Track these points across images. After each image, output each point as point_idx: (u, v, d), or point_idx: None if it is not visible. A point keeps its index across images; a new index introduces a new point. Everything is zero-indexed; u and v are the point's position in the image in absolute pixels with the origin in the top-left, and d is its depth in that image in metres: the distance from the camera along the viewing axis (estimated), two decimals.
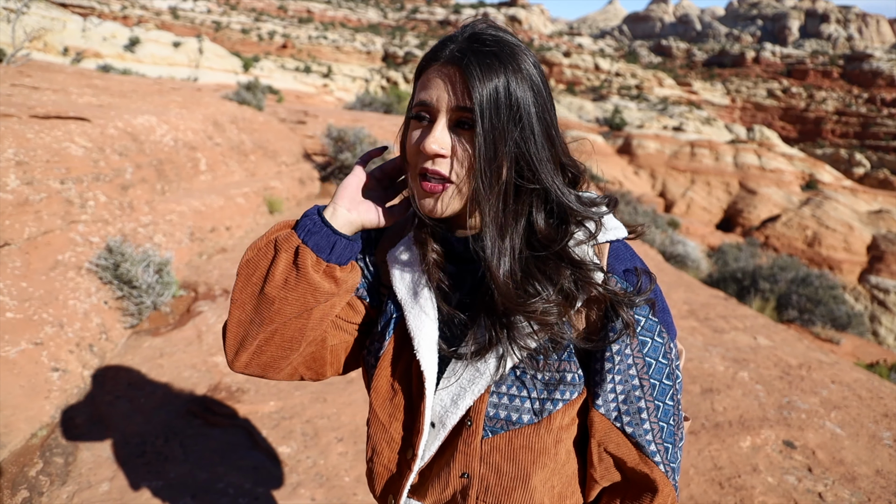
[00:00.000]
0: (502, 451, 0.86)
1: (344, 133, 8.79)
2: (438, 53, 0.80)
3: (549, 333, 0.81)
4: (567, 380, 0.85)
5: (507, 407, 0.85)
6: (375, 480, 0.97)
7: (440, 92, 0.78)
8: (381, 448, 0.95)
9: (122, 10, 78.77)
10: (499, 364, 0.82)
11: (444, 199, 0.80)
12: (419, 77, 0.83)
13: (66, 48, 27.11)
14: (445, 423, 0.87)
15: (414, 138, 0.81)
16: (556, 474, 0.90)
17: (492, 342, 0.82)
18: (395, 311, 0.93)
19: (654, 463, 0.86)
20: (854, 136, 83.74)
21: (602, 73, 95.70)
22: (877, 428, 3.09)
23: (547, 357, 0.83)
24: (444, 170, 0.78)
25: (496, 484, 0.87)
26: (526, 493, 0.88)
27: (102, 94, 6.67)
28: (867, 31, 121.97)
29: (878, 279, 29.23)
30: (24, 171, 3.68)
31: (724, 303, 5.60)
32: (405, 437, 0.93)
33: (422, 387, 0.88)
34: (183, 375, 3.29)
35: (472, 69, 0.75)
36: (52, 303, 3.28)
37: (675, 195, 37.95)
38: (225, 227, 5.64)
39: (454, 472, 0.89)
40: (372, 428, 0.95)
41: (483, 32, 0.80)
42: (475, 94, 0.75)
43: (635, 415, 0.85)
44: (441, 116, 0.78)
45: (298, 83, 43.67)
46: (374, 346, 0.95)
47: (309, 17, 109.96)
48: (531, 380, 0.84)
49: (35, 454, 2.58)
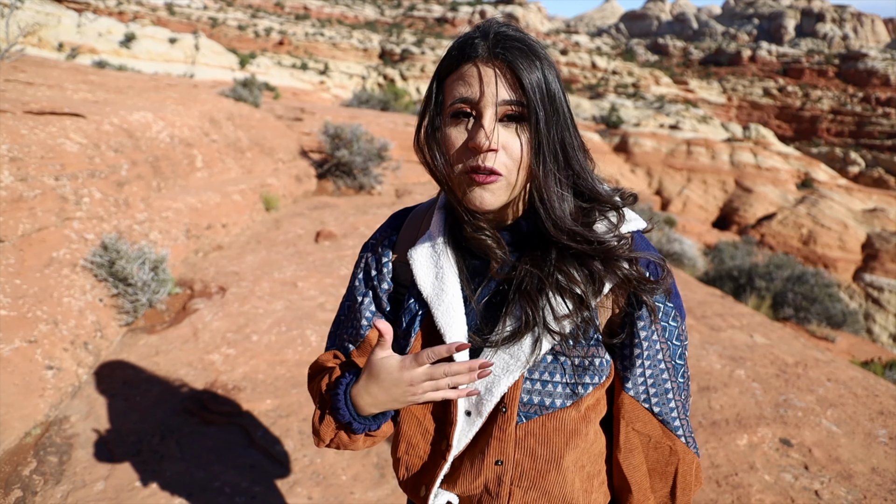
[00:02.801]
0: (536, 436, 0.89)
1: (341, 130, 8.76)
2: (470, 52, 0.80)
3: (581, 315, 0.85)
4: (596, 364, 0.88)
5: (541, 392, 0.88)
6: (409, 472, 0.99)
7: (485, 87, 0.78)
8: (417, 440, 0.97)
9: (117, 5, 78.32)
10: (534, 348, 0.85)
11: (496, 192, 0.81)
12: (446, 77, 0.83)
13: (61, 44, 26.94)
14: (481, 410, 0.89)
15: (454, 136, 0.82)
16: (586, 454, 0.95)
17: (528, 324, 0.84)
18: (420, 308, 0.94)
19: (676, 437, 0.93)
20: (849, 135, 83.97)
21: (599, 71, 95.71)
22: (872, 426, 3.10)
23: (577, 341, 0.86)
24: (495, 164, 0.79)
25: (530, 468, 0.90)
26: (559, 475, 0.91)
27: (98, 90, 6.63)
28: (862, 31, 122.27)
29: (873, 277, 29.36)
30: (18, 167, 3.65)
31: (721, 301, 5.61)
32: (438, 427, 0.95)
33: None
34: (179, 373, 3.27)
35: (518, 62, 0.78)
36: (47, 300, 3.26)
37: (671, 193, 37.99)
38: (221, 224, 5.61)
39: (488, 459, 0.90)
40: (405, 423, 0.97)
41: (508, 31, 0.81)
42: (526, 85, 0.78)
43: (662, 395, 0.92)
44: (488, 110, 0.79)
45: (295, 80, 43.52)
46: (399, 343, 0.96)
47: (306, 13, 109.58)
48: (562, 365, 0.87)
49: (29, 453, 2.56)
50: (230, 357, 3.46)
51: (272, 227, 6.28)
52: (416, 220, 1.03)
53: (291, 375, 3.30)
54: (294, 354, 3.52)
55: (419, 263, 0.93)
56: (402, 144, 10.83)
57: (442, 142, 0.84)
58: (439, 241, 0.94)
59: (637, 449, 0.93)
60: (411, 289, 0.97)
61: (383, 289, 1.01)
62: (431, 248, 0.94)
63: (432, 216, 0.99)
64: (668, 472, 0.94)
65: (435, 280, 0.92)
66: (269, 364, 3.41)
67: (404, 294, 1.00)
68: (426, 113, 0.86)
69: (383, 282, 1.01)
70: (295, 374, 3.32)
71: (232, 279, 4.59)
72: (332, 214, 6.93)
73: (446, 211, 0.96)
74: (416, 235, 1.00)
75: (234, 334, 3.72)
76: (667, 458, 0.93)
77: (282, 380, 3.26)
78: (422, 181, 9.82)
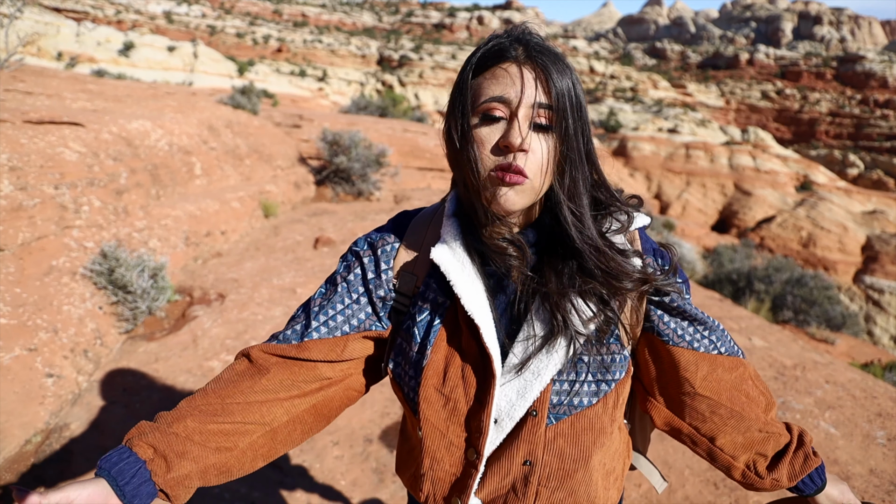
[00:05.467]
0: (566, 436, 0.89)
1: (339, 137, 8.79)
2: (504, 53, 0.81)
3: (605, 315, 0.87)
4: (617, 361, 0.90)
5: (569, 392, 0.88)
6: (436, 488, 0.96)
7: (519, 88, 0.79)
8: (441, 455, 0.93)
9: (116, 14, 78.65)
10: (567, 351, 0.85)
11: (521, 193, 0.82)
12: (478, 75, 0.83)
13: (60, 53, 27.03)
14: (513, 415, 0.88)
15: (485, 135, 0.81)
16: (608, 451, 0.96)
17: (559, 329, 0.85)
18: (437, 315, 0.92)
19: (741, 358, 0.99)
20: (848, 138, 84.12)
21: (597, 76, 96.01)
22: (870, 427, 3.10)
23: (602, 341, 0.88)
24: (524, 164, 0.80)
25: (558, 468, 0.90)
26: (586, 474, 0.92)
27: (97, 99, 6.66)
28: (860, 33, 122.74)
29: (873, 279, 29.36)
30: (17, 176, 3.67)
31: (720, 304, 5.62)
32: (466, 438, 0.92)
33: (484, 384, 0.89)
34: (179, 380, 3.28)
35: (551, 68, 0.79)
36: (47, 308, 3.27)
37: (670, 197, 38.06)
38: (220, 231, 5.63)
39: (517, 460, 0.90)
40: (428, 438, 0.93)
41: (539, 39, 0.83)
42: (557, 91, 0.79)
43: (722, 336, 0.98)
44: (521, 111, 0.79)
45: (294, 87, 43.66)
46: (412, 356, 0.93)
47: (304, 20, 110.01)
48: (587, 364, 0.88)
49: (29, 460, 2.57)
50: (229, 364, 3.46)
51: (271, 233, 6.29)
52: (421, 229, 1.00)
53: None
54: None
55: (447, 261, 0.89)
56: (401, 150, 10.86)
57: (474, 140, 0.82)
58: (457, 247, 0.91)
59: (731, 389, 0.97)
60: (420, 298, 0.94)
61: (379, 295, 0.96)
62: (452, 253, 0.90)
63: (440, 224, 0.97)
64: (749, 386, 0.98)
65: (468, 283, 0.89)
66: None
67: (406, 304, 0.97)
68: (456, 110, 0.84)
69: (380, 288, 0.96)
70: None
71: (231, 286, 4.60)
72: (331, 221, 6.95)
73: (459, 219, 0.94)
74: (421, 243, 0.97)
75: (233, 341, 3.73)
76: (742, 375, 0.98)
77: None
78: (420, 187, 9.85)
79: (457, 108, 0.84)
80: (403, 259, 0.97)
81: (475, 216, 0.88)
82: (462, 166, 0.84)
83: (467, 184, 0.85)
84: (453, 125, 0.85)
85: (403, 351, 0.95)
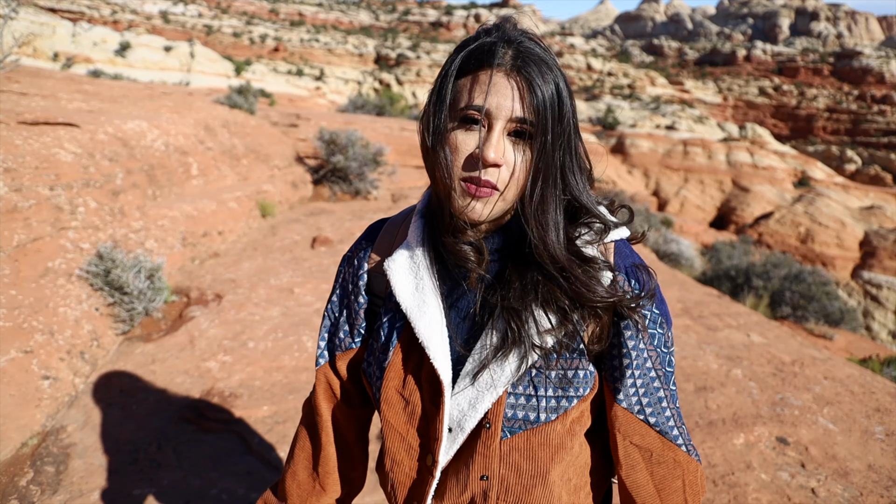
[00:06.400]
0: (521, 451, 0.87)
1: (336, 136, 8.77)
2: (489, 58, 0.78)
3: (565, 329, 0.83)
4: (580, 377, 0.87)
5: (525, 407, 0.86)
6: (397, 490, 0.97)
7: (500, 99, 0.77)
8: (401, 457, 0.94)
9: (112, 14, 78.42)
10: (520, 364, 0.83)
11: (489, 204, 0.80)
12: (460, 77, 0.81)
13: (55, 53, 26.94)
14: (464, 426, 0.87)
15: (461, 141, 0.79)
16: (571, 466, 0.93)
17: (514, 340, 0.82)
18: (398, 321, 0.92)
19: (677, 446, 0.90)
20: (845, 133, 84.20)
21: (594, 73, 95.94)
22: (869, 423, 3.10)
23: (560, 355, 0.85)
24: (495, 179, 0.78)
25: (516, 483, 0.88)
26: (545, 489, 0.89)
27: (93, 100, 6.64)
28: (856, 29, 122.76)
29: (871, 275, 29.39)
30: (12, 177, 3.65)
31: (718, 300, 5.62)
32: (423, 443, 0.93)
33: (437, 394, 0.88)
34: (176, 381, 3.27)
35: (536, 80, 0.77)
36: (43, 310, 3.26)
37: (668, 194, 38.05)
38: (217, 231, 5.62)
39: (473, 474, 0.88)
40: (388, 439, 0.94)
41: (529, 43, 0.80)
42: (538, 103, 0.77)
43: (657, 405, 0.89)
44: (498, 124, 0.77)
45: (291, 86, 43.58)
46: (378, 357, 0.94)
47: (301, 20, 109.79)
48: (546, 379, 0.85)
49: (26, 463, 2.56)
50: (227, 364, 3.46)
51: (268, 233, 6.28)
52: (392, 230, 1.01)
53: (288, 381, 3.30)
54: (291, 360, 3.52)
55: (398, 274, 0.90)
56: (398, 149, 10.85)
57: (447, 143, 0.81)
58: (418, 251, 0.91)
59: (639, 465, 0.90)
60: (387, 301, 0.94)
61: (360, 303, 0.99)
62: (410, 259, 0.91)
63: (409, 225, 0.97)
64: (675, 486, 0.90)
65: (415, 291, 0.89)
66: (265, 371, 3.41)
67: (380, 305, 0.97)
68: (434, 109, 0.82)
69: (359, 295, 0.99)
70: (292, 381, 3.32)
71: (228, 286, 4.59)
72: (329, 220, 6.94)
73: (425, 219, 0.94)
74: (391, 245, 0.98)
75: (230, 341, 3.72)
76: (672, 471, 0.90)
77: (278, 386, 3.26)
78: (418, 185, 9.83)
79: (435, 108, 0.82)
80: (374, 261, 0.99)
81: (440, 217, 0.87)
82: (433, 166, 0.83)
83: (436, 184, 0.84)
84: (429, 123, 0.83)
85: (372, 350, 0.96)
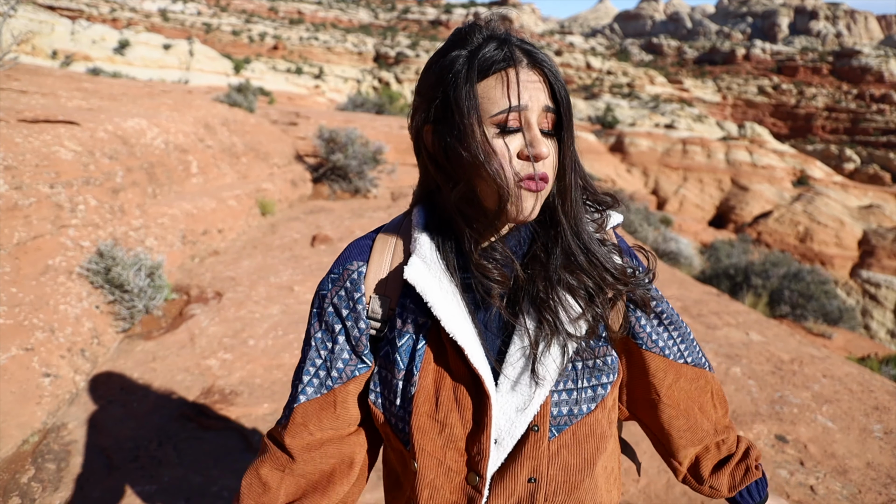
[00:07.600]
0: (570, 447, 0.87)
1: (336, 134, 8.77)
2: (507, 57, 0.77)
3: (593, 312, 0.86)
4: (609, 363, 0.90)
5: (567, 402, 0.86)
6: None
7: (532, 93, 0.78)
8: (441, 483, 0.87)
9: (111, 12, 78.30)
10: (562, 357, 0.83)
11: (541, 198, 0.81)
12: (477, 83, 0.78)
13: (54, 51, 26.92)
14: (514, 434, 0.84)
15: (506, 144, 0.77)
16: (609, 454, 0.94)
17: (551, 331, 0.83)
18: (420, 341, 0.86)
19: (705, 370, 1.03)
20: (844, 132, 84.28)
21: (594, 72, 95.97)
22: (867, 421, 3.11)
23: (590, 340, 0.87)
24: (546, 170, 0.80)
25: (564, 480, 0.87)
26: (592, 481, 0.90)
27: (92, 98, 6.64)
28: (855, 28, 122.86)
29: (870, 273, 29.44)
30: (12, 175, 3.65)
31: (717, 299, 5.62)
32: (467, 461, 0.87)
33: (480, 408, 0.84)
34: (176, 379, 3.28)
35: (554, 73, 0.80)
36: (43, 308, 3.26)
37: (667, 192, 38.09)
38: (217, 229, 5.62)
39: (521, 478, 0.86)
40: (425, 468, 0.86)
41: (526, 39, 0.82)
42: (559, 97, 0.79)
43: (690, 344, 1.01)
44: (533, 119, 0.78)
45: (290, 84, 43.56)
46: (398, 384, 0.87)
47: (300, 18, 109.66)
48: (584, 369, 0.87)
49: (27, 460, 2.56)
50: (227, 362, 3.46)
51: (268, 231, 6.28)
52: (387, 247, 0.93)
53: (288, 379, 3.31)
54: (291, 358, 3.53)
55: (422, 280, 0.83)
56: (397, 148, 10.85)
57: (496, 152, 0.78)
58: (433, 262, 0.86)
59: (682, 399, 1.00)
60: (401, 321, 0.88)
61: (360, 328, 0.89)
62: (427, 269, 0.84)
63: (408, 240, 0.91)
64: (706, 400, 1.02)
65: (445, 302, 0.83)
66: (265, 368, 3.42)
67: (382, 329, 0.91)
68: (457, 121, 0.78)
69: (359, 321, 0.89)
70: (292, 378, 3.32)
71: (228, 284, 4.59)
72: (328, 218, 6.94)
73: (432, 232, 0.89)
74: (390, 262, 0.91)
75: (230, 339, 3.73)
76: (703, 389, 1.02)
77: (278, 384, 3.26)
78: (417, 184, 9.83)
79: (458, 119, 0.78)
80: (373, 281, 0.90)
81: (466, 230, 0.83)
82: (482, 180, 0.79)
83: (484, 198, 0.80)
84: (463, 139, 0.78)
85: (385, 380, 0.89)
